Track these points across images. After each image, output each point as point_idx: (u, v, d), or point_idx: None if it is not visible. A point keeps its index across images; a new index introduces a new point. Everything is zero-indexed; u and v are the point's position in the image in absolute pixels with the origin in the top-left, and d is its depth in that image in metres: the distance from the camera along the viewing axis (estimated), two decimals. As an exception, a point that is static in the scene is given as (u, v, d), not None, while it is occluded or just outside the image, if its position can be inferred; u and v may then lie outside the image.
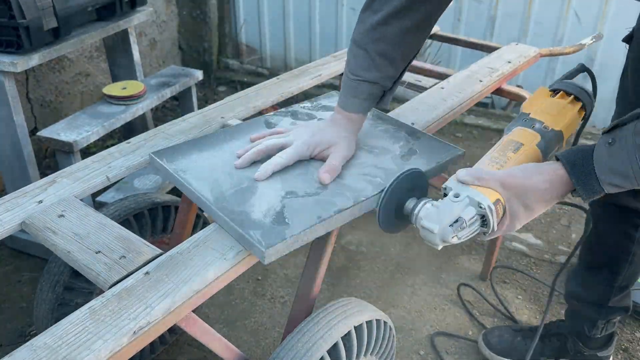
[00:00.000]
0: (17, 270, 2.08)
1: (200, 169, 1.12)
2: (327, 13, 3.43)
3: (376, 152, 1.22)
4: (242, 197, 1.04)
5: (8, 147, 1.93)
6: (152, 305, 0.84)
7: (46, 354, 0.77)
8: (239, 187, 1.07)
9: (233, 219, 0.97)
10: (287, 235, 0.94)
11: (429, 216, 0.89)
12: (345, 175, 1.12)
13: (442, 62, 3.22)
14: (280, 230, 0.95)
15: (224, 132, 1.26)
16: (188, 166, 1.13)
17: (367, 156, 1.20)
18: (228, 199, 1.03)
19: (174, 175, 1.11)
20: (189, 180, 1.08)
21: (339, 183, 1.10)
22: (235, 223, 0.96)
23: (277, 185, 1.08)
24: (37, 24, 1.76)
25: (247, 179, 1.09)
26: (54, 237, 0.99)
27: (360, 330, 1.11)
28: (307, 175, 1.12)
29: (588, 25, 2.85)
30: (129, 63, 2.41)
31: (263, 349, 1.78)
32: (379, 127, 1.32)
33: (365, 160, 1.18)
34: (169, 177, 1.13)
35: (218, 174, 1.11)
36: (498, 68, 1.71)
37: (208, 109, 1.45)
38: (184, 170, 1.11)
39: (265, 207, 1.01)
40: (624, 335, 1.84)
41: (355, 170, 1.14)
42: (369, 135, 1.28)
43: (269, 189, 1.07)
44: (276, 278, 2.07)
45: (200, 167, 1.13)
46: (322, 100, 1.43)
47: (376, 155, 1.21)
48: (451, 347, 1.79)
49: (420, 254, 2.20)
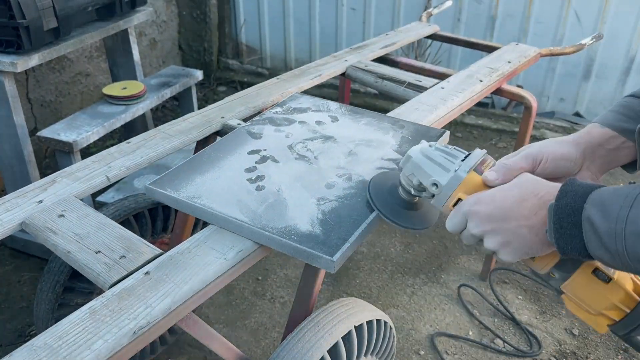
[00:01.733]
0: (17, 270, 2.08)
1: (214, 191, 1.06)
2: (327, 13, 3.43)
3: (374, 145, 1.23)
4: (276, 212, 1.01)
5: (8, 147, 1.93)
6: (152, 305, 0.84)
7: (46, 353, 0.76)
8: (267, 202, 1.04)
9: (289, 238, 0.94)
10: (348, 239, 0.95)
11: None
12: (362, 173, 1.13)
13: (442, 62, 3.22)
14: (336, 236, 0.95)
15: (211, 149, 1.21)
16: (199, 191, 1.06)
17: (370, 151, 1.21)
18: (264, 217, 0.99)
19: (190, 204, 1.03)
20: (211, 205, 1.01)
21: (362, 181, 1.10)
22: (292, 241, 0.93)
23: (304, 194, 1.06)
24: (37, 24, 1.76)
25: (270, 193, 1.06)
26: (54, 237, 0.99)
27: (361, 330, 1.11)
28: (325, 179, 1.11)
29: (588, 25, 2.85)
30: (129, 63, 2.41)
31: (263, 349, 1.78)
32: (362, 121, 1.33)
33: (371, 155, 1.19)
34: (181, 206, 1.05)
35: (236, 193, 1.05)
36: (498, 68, 1.71)
37: (208, 109, 1.44)
38: (197, 196, 1.04)
39: (307, 218, 1.00)
40: (624, 335, 1.84)
41: (369, 166, 1.15)
42: (357, 130, 1.29)
43: (299, 200, 1.05)
44: (276, 278, 2.07)
45: (212, 190, 1.06)
46: (290, 103, 1.43)
47: (376, 148, 1.22)
48: (451, 347, 1.79)
49: (420, 254, 2.20)
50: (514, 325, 1.88)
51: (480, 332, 1.85)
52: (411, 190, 0.93)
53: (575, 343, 1.82)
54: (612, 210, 0.64)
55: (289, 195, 1.06)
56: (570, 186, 0.70)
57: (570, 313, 0.79)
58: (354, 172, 1.13)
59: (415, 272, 2.11)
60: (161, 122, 2.01)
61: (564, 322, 1.89)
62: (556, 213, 0.69)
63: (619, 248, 0.63)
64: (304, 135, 1.26)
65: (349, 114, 1.36)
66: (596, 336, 1.84)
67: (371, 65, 1.74)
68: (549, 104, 3.15)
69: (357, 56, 1.81)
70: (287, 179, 1.11)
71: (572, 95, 3.08)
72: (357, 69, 1.72)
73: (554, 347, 1.80)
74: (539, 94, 3.10)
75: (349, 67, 1.73)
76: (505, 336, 1.83)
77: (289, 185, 1.08)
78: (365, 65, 1.74)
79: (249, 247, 0.96)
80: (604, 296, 0.75)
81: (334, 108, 1.39)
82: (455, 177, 0.83)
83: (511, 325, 1.88)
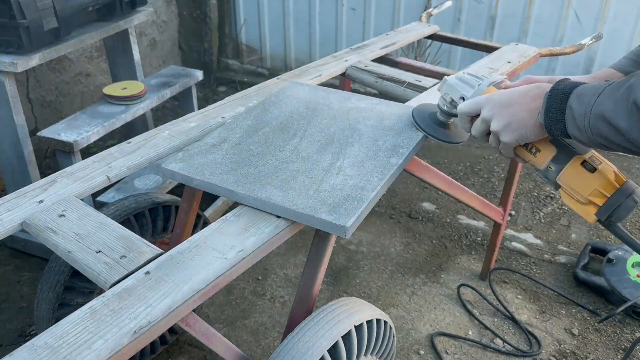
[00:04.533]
0: (17, 270, 2.08)
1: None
2: (327, 13, 3.43)
3: (371, 123, 1.28)
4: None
5: (8, 147, 1.93)
6: (152, 305, 0.84)
7: (47, 353, 0.77)
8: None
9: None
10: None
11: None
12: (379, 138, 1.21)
13: (442, 62, 3.22)
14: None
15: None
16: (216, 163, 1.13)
17: (372, 129, 1.25)
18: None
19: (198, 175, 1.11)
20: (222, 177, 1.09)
21: (382, 148, 1.18)
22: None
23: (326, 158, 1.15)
24: (37, 24, 1.76)
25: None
26: (55, 237, 0.99)
27: (361, 329, 1.11)
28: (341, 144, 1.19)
29: (588, 25, 2.85)
30: (129, 63, 2.41)
31: (263, 348, 1.78)
32: (349, 105, 1.38)
33: (374, 133, 1.23)
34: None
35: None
36: (498, 68, 1.72)
37: (208, 109, 1.45)
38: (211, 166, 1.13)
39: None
40: (624, 335, 1.84)
41: (372, 144, 1.21)
42: (346, 113, 1.33)
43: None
44: (276, 278, 2.07)
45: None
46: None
47: (376, 127, 1.26)
48: (451, 347, 1.79)
49: (420, 253, 2.21)
50: (513, 325, 1.88)
51: (480, 331, 1.85)
52: (445, 107, 1.16)
53: (575, 343, 1.82)
54: (586, 97, 0.81)
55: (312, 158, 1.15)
56: (563, 81, 0.87)
57: (566, 202, 0.96)
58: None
59: (415, 272, 2.11)
60: (161, 122, 2.01)
61: (563, 322, 1.90)
62: (548, 100, 0.86)
63: (585, 125, 0.81)
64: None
65: (328, 93, 1.44)
66: (596, 336, 1.84)
67: (371, 65, 1.74)
68: (549, 104, 3.15)
69: (357, 56, 1.81)
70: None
71: (572, 95, 3.08)
72: (357, 69, 1.72)
73: (554, 346, 1.80)
74: (538, 94, 3.09)
75: (349, 67, 1.74)
76: (505, 336, 1.83)
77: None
78: (365, 65, 1.74)
79: (249, 247, 0.97)
80: (590, 183, 0.91)
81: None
82: (477, 90, 1.05)
83: (511, 325, 1.88)
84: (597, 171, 0.90)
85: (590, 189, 0.91)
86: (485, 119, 0.97)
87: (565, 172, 0.93)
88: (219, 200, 2.33)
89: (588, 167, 0.91)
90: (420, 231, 2.34)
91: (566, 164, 0.93)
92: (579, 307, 1.95)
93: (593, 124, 0.80)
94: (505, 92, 0.96)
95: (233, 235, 0.99)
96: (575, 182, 0.92)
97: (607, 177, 0.90)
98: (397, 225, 2.38)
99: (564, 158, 0.93)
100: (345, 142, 1.20)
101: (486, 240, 2.28)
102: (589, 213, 0.92)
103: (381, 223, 2.39)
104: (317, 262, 1.13)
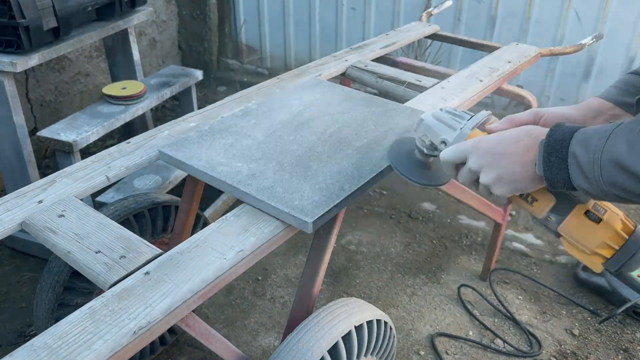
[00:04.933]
0: (17, 270, 2.08)
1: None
2: (327, 13, 3.42)
3: (373, 119, 1.34)
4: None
5: (8, 147, 1.93)
6: (152, 305, 0.84)
7: (46, 354, 0.76)
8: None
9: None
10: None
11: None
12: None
13: (442, 62, 3.22)
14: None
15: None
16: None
17: (374, 127, 1.29)
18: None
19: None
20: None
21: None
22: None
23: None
24: (37, 24, 1.76)
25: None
26: (54, 237, 0.99)
27: (361, 329, 1.11)
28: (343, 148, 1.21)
29: (588, 25, 2.85)
30: (129, 63, 2.41)
31: (263, 349, 1.78)
32: (340, 97, 1.42)
33: (374, 128, 1.28)
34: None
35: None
36: (498, 68, 1.71)
37: (208, 109, 1.44)
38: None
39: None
40: (624, 335, 1.84)
41: (372, 133, 1.26)
42: (340, 107, 1.38)
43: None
44: (276, 278, 2.07)
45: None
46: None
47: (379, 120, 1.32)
48: (451, 347, 1.79)
49: (421, 254, 2.20)
50: (514, 325, 1.88)
51: (480, 332, 1.85)
52: (424, 149, 1.03)
53: (576, 343, 1.82)
54: (592, 143, 0.71)
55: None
56: (559, 127, 0.77)
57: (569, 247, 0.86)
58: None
59: (415, 272, 2.11)
60: (161, 122, 2.01)
61: (564, 322, 1.89)
62: (546, 149, 0.76)
63: (596, 175, 0.70)
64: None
65: (319, 85, 1.48)
66: (596, 336, 1.84)
67: (371, 65, 1.74)
68: (549, 104, 3.15)
69: (357, 56, 1.81)
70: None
71: (572, 95, 3.08)
72: (357, 69, 1.72)
73: (554, 347, 1.80)
74: (539, 94, 3.09)
75: (349, 67, 1.73)
76: (505, 336, 1.83)
77: None
78: (365, 65, 1.74)
79: (249, 247, 0.96)
80: (596, 235, 0.82)
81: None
82: (460, 134, 0.93)
83: (511, 326, 1.88)
84: (603, 222, 0.82)
85: (596, 241, 0.82)
86: (473, 170, 0.87)
87: (567, 223, 0.84)
88: (218, 200, 2.32)
89: (592, 217, 0.82)
90: (421, 231, 2.34)
91: (567, 214, 0.84)
92: (579, 307, 1.95)
93: (605, 172, 0.70)
94: (492, 140, 0.85)
95: (233, 236, 0.98)
96: (579, 234, 0.84)
97: (614, 228, 0.81)
98: (397, 225, 2.38)
99: (564, 208, 0.84)
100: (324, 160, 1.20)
101: (487, 240, 2.28)
102: (595, 263, 0.84)
103: (381, 223, 2.39)
104: (317, 262, 1.13)
